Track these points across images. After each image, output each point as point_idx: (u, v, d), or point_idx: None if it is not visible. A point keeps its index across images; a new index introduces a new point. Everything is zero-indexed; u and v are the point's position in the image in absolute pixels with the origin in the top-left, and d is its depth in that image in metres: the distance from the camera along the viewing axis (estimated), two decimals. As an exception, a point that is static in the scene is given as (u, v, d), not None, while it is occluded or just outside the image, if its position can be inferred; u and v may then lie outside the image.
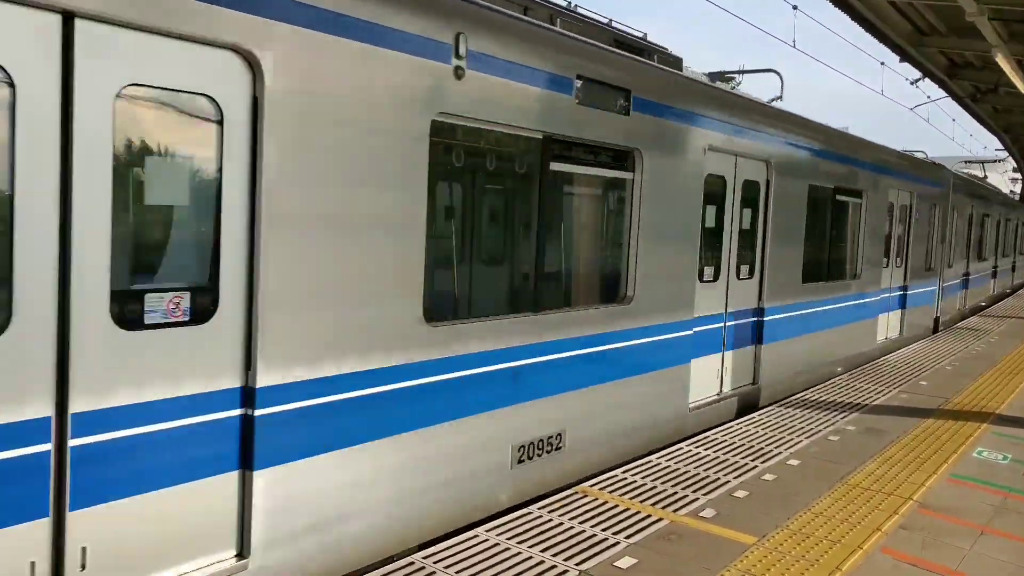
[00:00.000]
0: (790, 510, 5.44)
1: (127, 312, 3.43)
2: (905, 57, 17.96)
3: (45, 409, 3.21)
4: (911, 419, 8.14)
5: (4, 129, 3.05)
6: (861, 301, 11.88)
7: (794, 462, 6.52)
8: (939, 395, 9.36)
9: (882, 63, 18.67)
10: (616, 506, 5.35)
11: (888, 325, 13.42)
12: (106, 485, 3.42)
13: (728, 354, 8.50)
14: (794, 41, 14.41)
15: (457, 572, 4.21)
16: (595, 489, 5.66)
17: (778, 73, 14.17)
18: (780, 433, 7.38)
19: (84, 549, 3.39)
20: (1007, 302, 23.22)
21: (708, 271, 7.97)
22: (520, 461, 5.57)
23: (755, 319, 8.93)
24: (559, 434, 5.94)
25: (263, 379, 3.84)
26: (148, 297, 3.50)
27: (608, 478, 5.91)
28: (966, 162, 31.62)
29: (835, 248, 10.97)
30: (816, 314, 10.40)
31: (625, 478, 5.93)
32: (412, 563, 4.27)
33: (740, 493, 5.72)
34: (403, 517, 4.71)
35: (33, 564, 3.25)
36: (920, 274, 14.65)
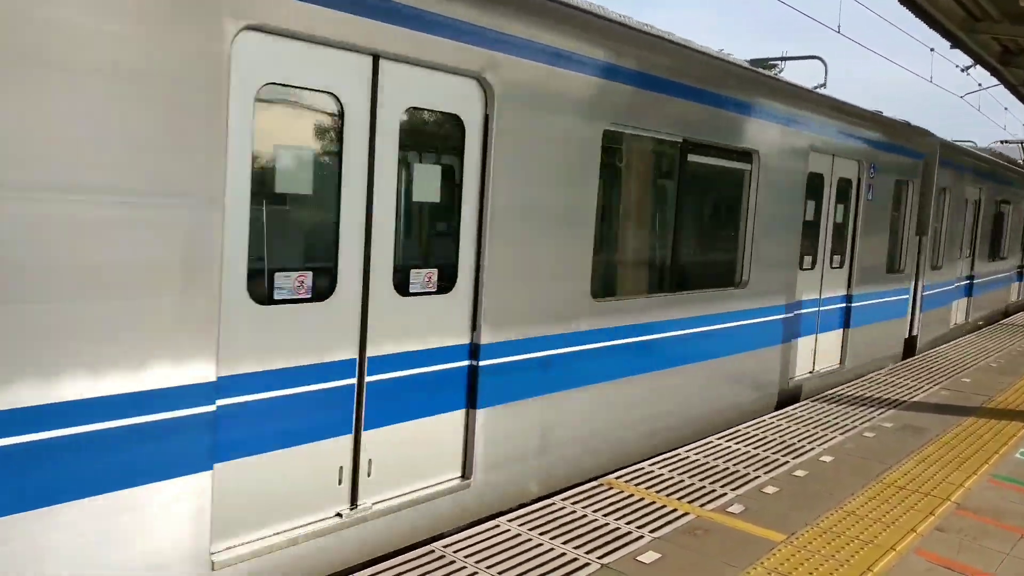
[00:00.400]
0: (821, 508, 5.31)
1: None
2: (956, 43, 17.33)
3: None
4: (951, 417, 7.90)
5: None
6: (751, 321, 7.74)
7: (827, 458, 6.37)
8: (982, 393, 9.07)
9: (931, 49, 18.04)
10: (641, 499, 5.28)
11: (816, 353, 9.31)
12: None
13: (373, 435, 4.46)
14: (839, 26, 14.00)
15: (477, 562, 4.20)
16: (620, 481, 5.59)
17: (822, 60, 13.79)
18: (814, 428, 7.22)
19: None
20: None
21: (288, 283, 4.01)
22: None
23: (465, 364, 4.95)
24: None
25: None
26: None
27: (635, 470, 5.84)
28: (1002, 142, 27.07)
29: (690, 240, 6.93)
30: (631, 348, 6.22)
31: (652, 471, 5.86)
32: (432, 551, 4.27)
33: (769, 489, 5.61)
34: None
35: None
36: (877, 278, 10.36)
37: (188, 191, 3.49)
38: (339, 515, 4.33)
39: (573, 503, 5.13)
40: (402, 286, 4.55)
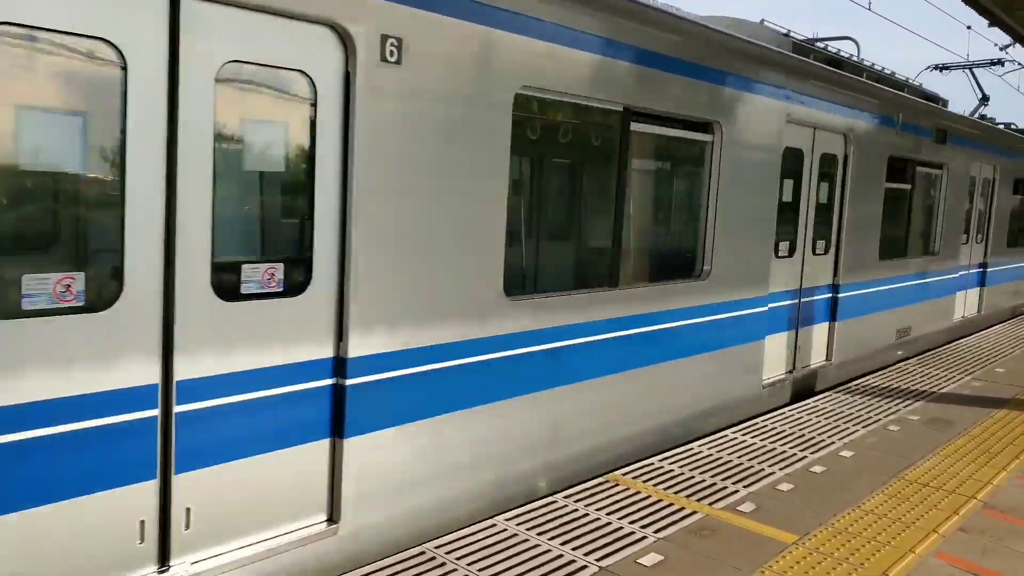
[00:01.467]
0: (837, 506, 5.07)
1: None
2: (994, 21, 16.62)
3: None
4: (982, 409, 7.56)
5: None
6: None
7: (847, 453, 6.11)
8: (1016, 383, 8.68)
9: (968, 27, 17.35)
10: (648, 496, 5.09)
11: None
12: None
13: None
14: (870, 4, 13.48)
15: (469, 564, 4.05)
16: (627, 478, 5.41)
17: (855, 40, 13.29)
18: (835, 421, 6.94)
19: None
20: None
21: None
22: None
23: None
24: None
25: None
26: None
27: (643, 466, 5.65)
28: (972, 68, 15.66)
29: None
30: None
31: (661, 466, 5.66)
32: (423, 552, 4.13)
33: (784, 486, 5.38)
34: None
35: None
36: None
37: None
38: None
39: (576, 500, 4.96)
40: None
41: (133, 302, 3.25)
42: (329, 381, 3.95)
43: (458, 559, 4.09)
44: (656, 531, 4.58)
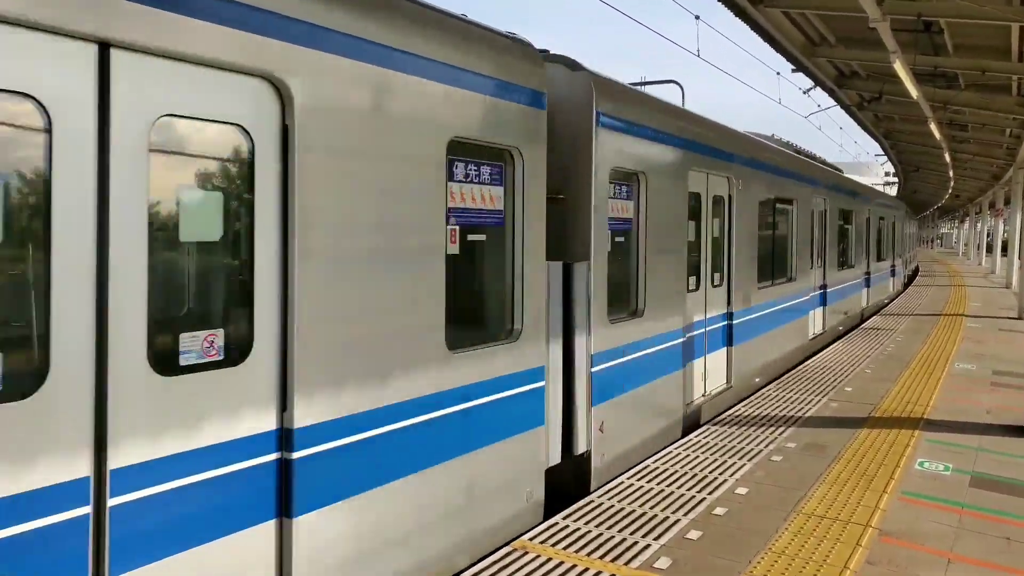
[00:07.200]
0: (749, 552, 4.93)
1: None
2: (798, 66, 18.42)
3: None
4: (846, 430, 7.90)
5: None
6: None
7: (742, 490, 6.05)
8: (867, 401, 9.23)
9: (778, 73, 19.07)
10: (561, 563, 4.68)
11: None
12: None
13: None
14: (698, 51, 14.37)
15: None
16: (535, 544, 4.97)
17: (679, 84, 14.04)
18: (721, 456, 6.93)
19: None
20: None
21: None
22: None
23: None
24: None
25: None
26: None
27: (549, 527, 5.24)
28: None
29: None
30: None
31: (567, 526, 5.28)
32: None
33: (693, 534, 5.18)
34: None
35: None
36: None
37: None
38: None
39: (486, 580, 4.45)
40: None
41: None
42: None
43: None
44: (580, 605, 4.17)
